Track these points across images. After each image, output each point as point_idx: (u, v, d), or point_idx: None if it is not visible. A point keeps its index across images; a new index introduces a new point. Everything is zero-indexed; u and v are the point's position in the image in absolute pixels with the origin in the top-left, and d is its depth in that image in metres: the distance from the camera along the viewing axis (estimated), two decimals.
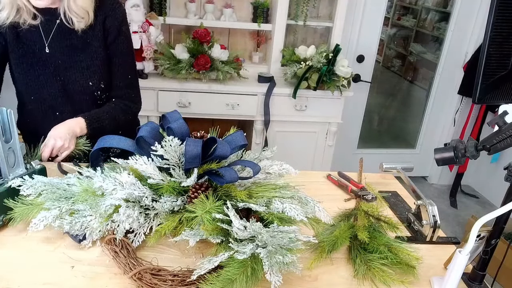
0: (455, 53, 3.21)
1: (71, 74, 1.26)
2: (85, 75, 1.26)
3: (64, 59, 1.25)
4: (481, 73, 0.84)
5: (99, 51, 1.27)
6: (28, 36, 1.22)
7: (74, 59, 1.25)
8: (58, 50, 1.24)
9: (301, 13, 2.66)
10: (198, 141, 0.96)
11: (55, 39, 1.23)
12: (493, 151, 0.89)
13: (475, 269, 0.98)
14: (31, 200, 1.00)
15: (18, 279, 0.88)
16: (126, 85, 1.36)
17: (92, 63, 1.26)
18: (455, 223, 3.06)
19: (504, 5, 0.80)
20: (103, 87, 1.31)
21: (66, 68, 1.26)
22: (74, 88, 1.28)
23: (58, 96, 1.30)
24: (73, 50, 1.25)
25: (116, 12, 1.27)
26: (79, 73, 1.26)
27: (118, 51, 1.31)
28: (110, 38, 1.28)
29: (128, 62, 1.35)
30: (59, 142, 1.19)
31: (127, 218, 0.92)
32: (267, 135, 2.67)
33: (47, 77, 1.26)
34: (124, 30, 1.30)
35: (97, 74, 1.28)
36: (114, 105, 1.34)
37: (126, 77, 1.35)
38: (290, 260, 0.85)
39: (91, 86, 1.28)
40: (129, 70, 1.36)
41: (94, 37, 1.25)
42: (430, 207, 1.12)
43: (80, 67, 1.25)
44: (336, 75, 2.54)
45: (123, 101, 1.36)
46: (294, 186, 1.04)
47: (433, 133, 3.49)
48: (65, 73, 1.26)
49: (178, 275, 0.87)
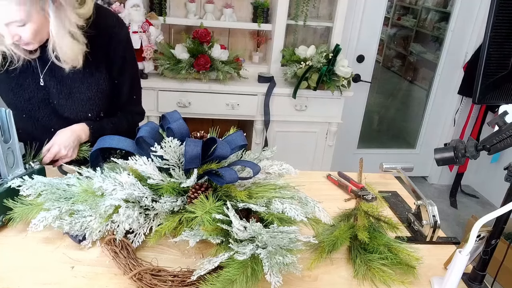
0: (455, 53, 3.21)
1: (69, 104, 1.20)
2: (84, 107, 1.21)
3: (60, 89, 1.18)
4: (481, 73, 0.84)
5: (100, 82, 1.21)
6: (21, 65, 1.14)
7: (73, 90, 1.18)
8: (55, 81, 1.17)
9: (301, 13, 2.66)
10: (198, 141, 0.96)
11: (52, 70, 1.16)
12: (493, 151, 0.89)
13: (475, 269, 0.98)
14: (31, 201, 1.00)
15: (18, 279, 0.88)
16: (132, 103, 1.37)
17: (93, 95, 1.20)
18: (455, 223, 3.06)
19: (504, 5, 0.80)
20: (103, 115, 1.29)
21: (62, 98, 1.19)
22: (70, 116, 1.23)
23: (52, 117, 1.24)
24: (73, 81, 1.17)
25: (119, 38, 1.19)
26: (78, 105, 1.21)
27: (125, 78, 1.28)
28: (115, 68, 1.23)
29: (134, 84, 1.33)
30: (63, 151, 1.18)
31: (127, 219, 0.92)
32: (267, 135, 2.67)
33: (39, 101, 1.19)
34: (129, 57, 1.25)
35: (97, 106, 1.24)
36: (119, 117, 1.34)
37: (132, 97, 1.35)
38: (290, 260, 0.85)
39: (90, 116, 1.24)
40: (136, 90, 1.35)
41: (96, 68, 1.18)
42: (430, 207, 1.12)
43: (79, 99, 1.19)
44: (336, 75, 2.54)
45: (128, 115, 1.37)
46: (294, 186, 1.04)
47: (433, 133, 3.49)
48: (59, 102, 1.19)
49: (178, 276, 0.87)
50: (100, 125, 1.27)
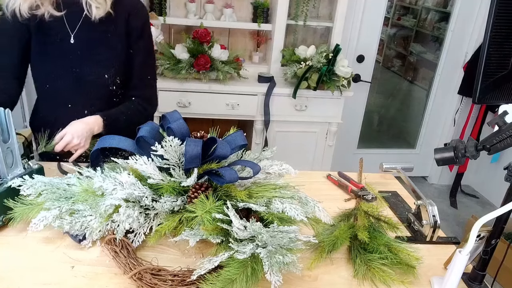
0: (455, 53, 3.21)
1: (88, 66, 1.28)
2: (101, 67, 1.28)
3: (83, 51, 1.27)
4: (481, 73, 0.84)
5: (118, 47, 1.29)
6: (52, 26, 1.23)
7: (93, 51, 1.27)
8: (81, 42, 1.26)
9: (301, 13, 2.66)
10: (198, 141, 0.96)
11: (80, 31, 1.25)
12: (493, 151, 0.89)
13: (475, 269, 0.98)
14: (31, 200, 1.00)
15: (18, 279, 0.88)
16: (145, 85, 1.38)
17: (109, 56, 1.28)
18: (455, 223, 3.06)
19: (504, 5, 0.80)
20: (119, 82, 1.31)
21: (84, 60, 1.27)
22: (89, 80, 1.29)
23: (71, 88, 1.30)
24: (93, 43, 1.27)
25: (140, 12, 1.30)
26: (95, 65, 1.28)
27: (140, 51, 1.33)
28: (133, 37, 1.30)
29: (148, 63, 1.37)
30: (75, 140, 1.18)
31: (127, 218, 0.92)
32: (267, 135, 2.67)
33: (63, 68, 1.27)
34: (147, 31, 1.33)
35: (113, 68, 1.30)
36: (132, 106, 1.35)
37: (146, 77, 1.37)
38: (290, 260, 0.85)
39: (106, 79, 1.29)
40: (149, 70, 1.38)
41: (115, 32, 1.27)
42: (430, 207, 1.12)
43: (97, 59, 1.27)
44: (336, 75, 2.54)
45: (141, 102, 1.37)
46: (294, 186, 1.04)
47: (433, 133, 3.49)
48: (81, 65, 1.27)
49: (178, 275, 0.87)
50: (114, 116, 1.29)
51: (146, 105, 1.39)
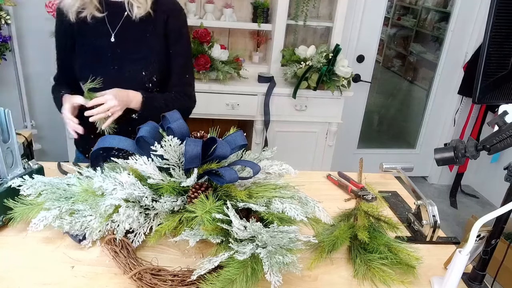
0: (455, 53, 3.21)
1: (126, 63, 1.33)
2: (139, 64, 1.33)
3: (122, 49, 1.33)
4: (481, 73, 0.84)
5: (156, 47, 1.35)
6: (94, 27, 1.31)
7: (132, 50, 1.33)
8: (121, 40, 1.33)
9: (301, 13, 2.66)
10: (198, 141, 0.96)
11: (121, 30, 1.32)
12: (493, 151, 0.89)
13: (475, 269, 0.98)
14: (31, 200, 1.00)
15: (18, 279, 0.88)
16: (183, 83, 1.42)
17: (147, 54, 1.34)
18: (455, 223, 3.06)
19: (504, 5, 0.80)
20: (155, 80, 1.36)
21: (123, 57, 1.33)
22: (126, 76, 1.34)
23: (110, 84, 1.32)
24: (133, 41, 1.33)
25: (178, 15, 1.36)
26: (133, 63, 1.34)
27: (179, 52, 1.39)
28: (171, 39, 1.36)
29: (187, 63, 1.43)
30: (113, 102, 1.21)
31: (127, 218, 0.92)
32: (267, 135, 2.67)
33: (102, 65, 1.33)
34: (185, 32, 1.39)
35: (151, 66, 1.34)
36: (172, 95, 1.39)
37: (184, 76, 1.42)
38: (290, 260, 0.85)
39: (143, 76, 1.34)
40: (188, 70, 1.43)
41: (154, 32, 1.34)
42: (430, 207, 1.12)
43: (136, 57, 1.33)
44: (336, 75, 2.54)
45: (181, 95, 1.41)
46: (294, 186, 1.04)
47: (433, 133, 3.49)
48: (120, 62, 1.33)
49: (178, 275, 0.87)
50: (153, 98, 1.34)
51: (186, 98, 1.43)
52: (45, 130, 2.94)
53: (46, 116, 2.87)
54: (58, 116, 2.53)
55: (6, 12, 2.45)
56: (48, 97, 1.46)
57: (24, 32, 2.65)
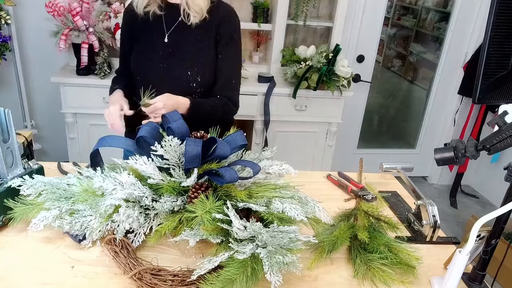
0: (455, 53, 3.21)
1: (174, 62, 1.39)
2: (185, 64, 1.38)
3: (174, 49, 1.39)
4: (481, 73, 0.84)
5: (205, 49, 1.39)
6: (152, 26, 1.39)
7: (181, 50, 1.39)
8: (173, 41, 1.39)
9: (301, 13, 2.66)
10: (198, 141, 0.96)
11: (174, 32, 1.39)
12: (493, 151, 0.89)
13: (475, 269, 0.98)
14: (31, 200, 1.00)
15: (18, 279, 0.88)
16: (229, 87, 1.45)
17: (194, 56, 1.39)
18: (455, 223, 3.06)
19: (504, 5, 0.80)
20: (199, 81, 1.40)
21: (172, 56, 1.40)
22: (173, 74, 1.40)
23: (158, 81, 1.40)
24: (184, 42, 1.39)
25: (231, 21, 1.41)
26: (181, 62, 1.39)
27: (228, 56, 1.42)
28: (222, 43, 1.40)
29: (235, 67, 1.47)
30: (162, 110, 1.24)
31: (127, 218, 0.92)
32: (267, 135, 2.67)
33: (153, 63, 1.40)
34: (236, 38, 1.43)
35: (196, 67, 1.39)
36: (217, 101, 1.42)
37: (231, 80, 1.45)
38: (290, 260, 0.85)
39: (188, 75, 1.38)
40: (235, 75, 1.47)
41: (205, 36, 1.39)
42: (430, 207, 1.12)
43: (184, 58, 1.39)
44: (336, 75, 2.53)
45: (225, 100, 1.44)
46: (294, 186, 1.04)
47: (433, 133, 3.48)
48: (169, 61, 1.40)
49: (178, 275, 0.87)
50: (199, 104, 1.38)
51: (229, 103, 1.45)
52: (45, 130, 2.94)
53: (46, 116, 2.87)
54: (58, 116, 2.52)
55: (6, 12, 2.45)
56: (48, 97, 1.46)
57: (24, 32, 2.65)
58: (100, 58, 2.43)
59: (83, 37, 2.37)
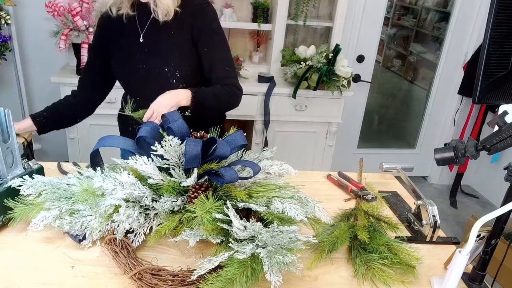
0: (455, 53, 3.21)
1: (152, 60, 1.39)
2: (162, 61, 1.38)
3: (149, 48, 1.39)
4: (481, 73, 0.84)
5: (180, 43, 1.38)
6: (127, 28, 1.39)
7: (157, 47, 1.39)
8: (148, 40, 1.39)
9: (301, 13, 2.66)
10: (198, 141, 0.96)
11: (148, 30, 1.38)
12: (493, 151, 0.89)
13: (475, 269, 0.98)
14: (31, 200, 1.00)
15: (18, 279, 0.88)
16: (226, 76, 1.43)
17: (170, 51, 1.38)
18: (455, 223, 3.06)
19: (504, 5, 0.80)
20: (178, 76, 1.40)
21: (149, 55, 1.39)
22: (152, 73, 1.39)
23: (140, 82, 1.42)
24: (158, 39, 1.39)
25: (205, 12, 1.39)
26: (158, 59, 1.39)
27: (213, 46, 1.41)
28: (203, 36, 1.38)
29: (225, 56, 1.44)
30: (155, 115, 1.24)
31: (127, 218, 0.92)
32: (267, 135, 2.67)
33: (132, 65, 1.40)
34: (216, 27, 1.41)
35: (173, 62, 1.38)
36: (219, 87, 1.41)
37: (225, 68, 1.42)
38: (290, 260, 0.85)
39: (166, 72, 1.38)
40: (227, 63, 1.44)
41: (179, 31, 1.38)
42: (430, 207, 1.12)
43: (159, 55, 1.39)
44: (336, 75, 2.54)
45: (227, 86, 1.42)
46: (294, 186, 1.04)
47: (433, 133, 3.48)
48: (147, 60, 1.39)
49: (178, 275, 0.87)
50: (202, 91, 1.35)
51: (233, 87, 1.44)
52: None
53: None
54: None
55: (6, 12, 2.45)
56: (48, 97, 1.47)
57: (24, 32, 2.65)
58: None
59: (83, 37, 2.37)
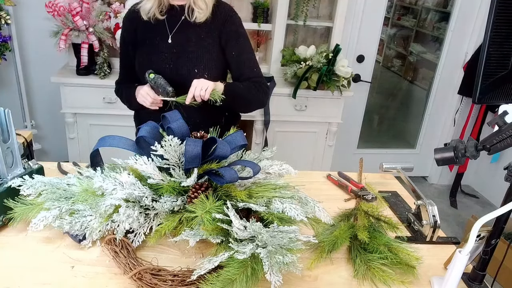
0: (455, 53, 3.21)
1: (180, 61, 1.44)
2: (192, 62, 1.43)
3: (178, 49, 1.44)
4: (481, 73, 0.84)
5: (209, 47, 1.44)
6: (155, 28, 1.44)
7: (186, 49, 1.43)
8: (177, 41, 1.43)
9: (301, 13, 2.66)
10: (198, 141, 0.96)
11: (177, 32, 1.43)
12: (493, 151, 0.89)
13: (475, 269, 0.98)
14: (31, 200, 1.00)
15: (18, 279, 0.88)
16: (256, 75, 1.51)
17: (200, 53, 1.44)
18: (455, 223, 3.06)
19: (504, 5, 0.80)
20: (207, 77, 1.42)
21: (178, 56, 1.44)
22: (181, 73, 1.43)
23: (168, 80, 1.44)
24: (188, 42, 1.43)
25: (233, 19, 1.47)
26: (187, 61, 1.43)
27: (241, 50, 1.49)
28: (231, 42, 1.46)
29: (251, 58, 1.53)
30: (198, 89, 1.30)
31: (127, 218, 0.92)
32: (267, 135, 2.67)
33: (158, 64, 1.44)
34: (242, 32, 1.49)
35: (202, 64, 1.44)
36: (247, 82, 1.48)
37: (253, 70, 1.51)
38: (290, 260, 0.85)
39: (195, 73, 1.43)
40: (254, 64, 1.53)
41: (208, 35, 1.44)
42: (430, 207, 1.12)
43: (189, 56, 1.43)
44: (336, 75, 2.53)
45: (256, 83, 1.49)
46: (294, 186, 1.04)
47: (433, 133, 3.48)
48: (175, 60, 1.44)
49: (178, 275, 0.88)
50: (233, 84, 1.45)
51: (262, 85, 1.50)
52: (45, 130, 2.94)
53: (46, 116, 2.87)
54: (58, 116, 2.53)
55: (6, 12, 2.45)
56: (48, 97, 1.46)
57: (24, 32, 2.65)
58: (100, 58, 2.43)
59: (83, 37, 2.37)
